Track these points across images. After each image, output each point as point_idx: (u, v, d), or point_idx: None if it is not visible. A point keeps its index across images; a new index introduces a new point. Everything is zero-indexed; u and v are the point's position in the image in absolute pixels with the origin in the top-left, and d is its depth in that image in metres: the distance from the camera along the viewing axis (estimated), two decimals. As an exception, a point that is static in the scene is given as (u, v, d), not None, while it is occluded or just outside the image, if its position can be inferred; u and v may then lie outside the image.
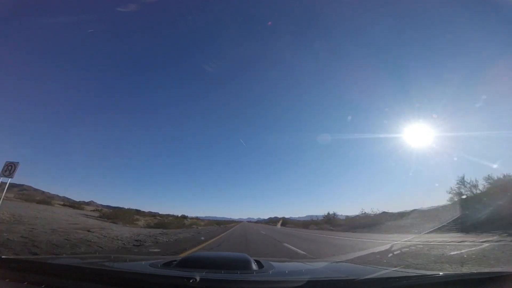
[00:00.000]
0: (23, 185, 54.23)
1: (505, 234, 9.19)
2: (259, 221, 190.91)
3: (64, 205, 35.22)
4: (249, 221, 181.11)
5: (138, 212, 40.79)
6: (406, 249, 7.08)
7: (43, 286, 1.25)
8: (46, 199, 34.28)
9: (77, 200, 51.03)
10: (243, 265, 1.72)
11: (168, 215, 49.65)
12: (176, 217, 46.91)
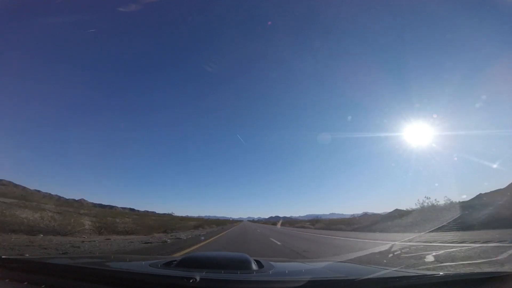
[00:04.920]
0: (1, 180, 46.70)
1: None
2: (259, 221, 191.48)
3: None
4: (250, 220, 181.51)
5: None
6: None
7: (43, 286, 1.25)
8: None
9: (68, 198, 48.51)
10: (243, 265, 1.72)
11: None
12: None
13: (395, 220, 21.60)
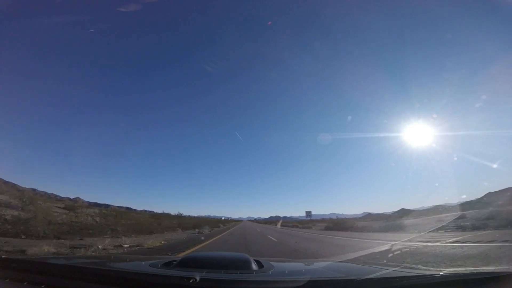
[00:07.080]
0: (-10, 176, 42.04)
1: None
2: (259, 220, 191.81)
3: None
4: (250, 220, 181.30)
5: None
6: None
7: (43, 286, 1.25)
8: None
9: (63, 196, 47.13)
10: (243, 265, 1.72)
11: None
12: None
13: (401, 219, 21.42)
